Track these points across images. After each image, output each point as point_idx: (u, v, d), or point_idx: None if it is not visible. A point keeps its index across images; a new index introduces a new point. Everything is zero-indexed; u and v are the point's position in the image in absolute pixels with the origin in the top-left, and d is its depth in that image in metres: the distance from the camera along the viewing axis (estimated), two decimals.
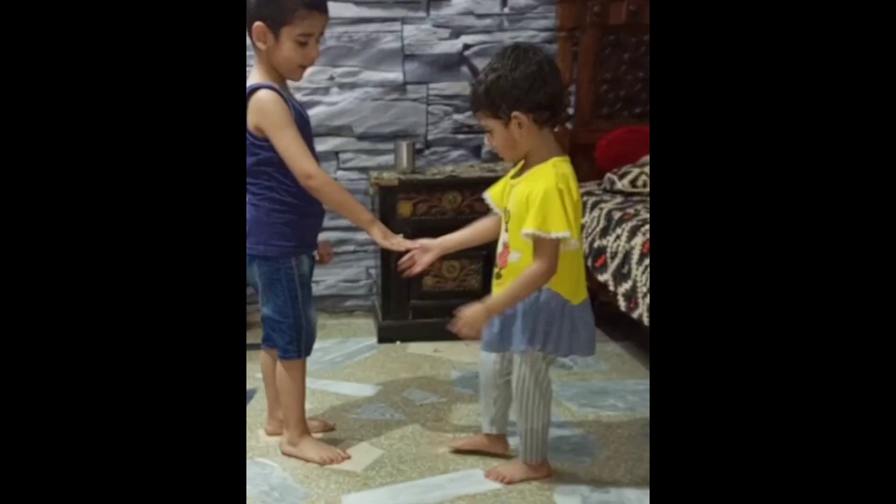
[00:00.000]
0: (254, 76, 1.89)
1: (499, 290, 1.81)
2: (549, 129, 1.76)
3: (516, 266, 1.76)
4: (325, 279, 3.30)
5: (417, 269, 1.96)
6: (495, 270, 1.84)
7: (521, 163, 1.81)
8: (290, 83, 1.96)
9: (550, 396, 1.88)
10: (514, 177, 1.82)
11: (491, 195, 1.90)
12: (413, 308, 2.98)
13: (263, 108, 1.83)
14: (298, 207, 1.92)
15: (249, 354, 2.78)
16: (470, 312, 1.74)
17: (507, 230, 1.78)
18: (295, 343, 2.00)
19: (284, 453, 2.07)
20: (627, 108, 3.23)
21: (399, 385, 2.57)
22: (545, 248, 1.68)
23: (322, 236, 2.09)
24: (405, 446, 2.12)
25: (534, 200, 1.67)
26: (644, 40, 3.14)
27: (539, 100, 1.69)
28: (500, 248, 1.82)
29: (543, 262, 1.69)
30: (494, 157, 3.11)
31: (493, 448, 2.03)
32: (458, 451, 2.06)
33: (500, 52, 1.75)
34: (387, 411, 2.36)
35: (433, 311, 2.95)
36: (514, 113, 1.68)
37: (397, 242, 1.96)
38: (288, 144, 1.83)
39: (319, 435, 2.17)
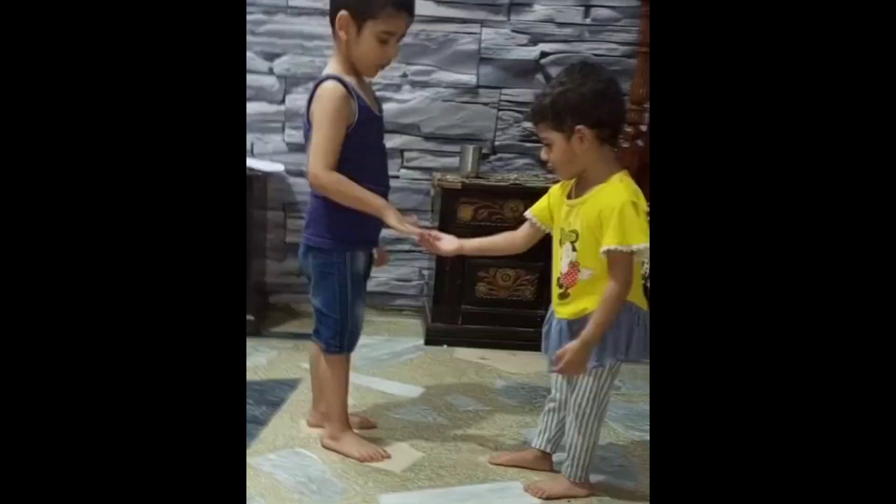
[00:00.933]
0: (329, 66, 1.92)
1: (566, 309, 1.82)
2: (608, 146, 1.76)
3: (588, 283, 1.76)
4: (378, 276, 3.32)
5: (435, 249, 1.99)
6: (560, 290, 1.83)
7: (573, 182, 1.82)
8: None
9: (605, 414, 1.87)
10: (569, 196, 1.82)
11: (536, 214, 1.92)
12: (463, 313, 2.98)
13: (321, 98, 1.85)
14: None
15: (297, 344, 2.83)
16: (571, 353, 1.76)
17: (574, 249, 1.78)
18: (338, 338, 2.01)
19: (325, 446, 2.09)
20: None
21: (443, 389, 2.58)
22: (622, 263, 1.69)
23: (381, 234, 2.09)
24: (446, 451, 2.12)
25: (609, 216, 1.68)
26: None
27: (603, 117, 1.71)
28: (564, 269, 1.81)
29: (621, 278, 1.70)
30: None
31: (537, 465, 2.03)
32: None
33: (567, 66, 1.78)
34: (429, 414, 2.37)
35: (484, 318, 2.97)
36: (578, 127, 1.69)
37: (411, 224, 1.94)
38: (318, 139, 1.84)
39: (360, 431, 2.18)
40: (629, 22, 3.17)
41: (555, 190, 1.89)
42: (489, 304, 2.97)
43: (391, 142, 3.16)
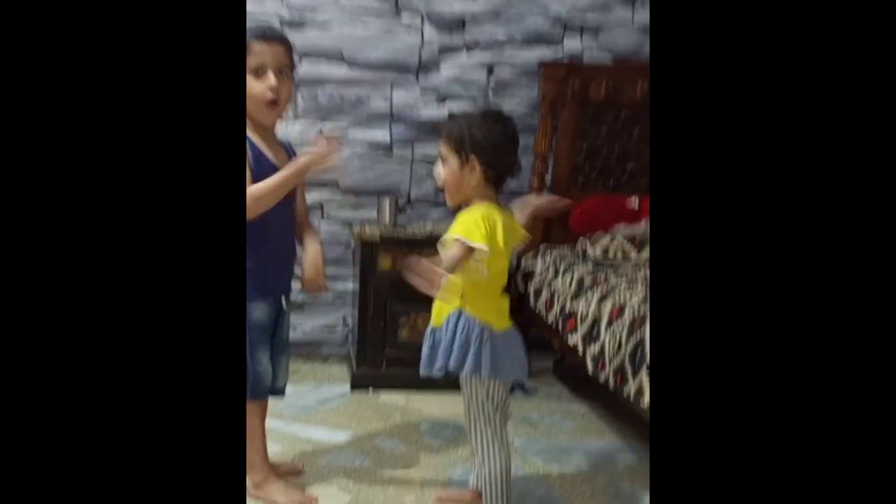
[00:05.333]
0: None
1: (433, 315, 1.83)
2: (493, 187, 1.81)
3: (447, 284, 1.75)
4: (302, 325, 3.25)
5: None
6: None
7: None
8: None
9: (505, 439, 1.83)
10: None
11: None
12: (387, 357, 2.93)
13: None
14: (252, 254, 1.79)
15: None
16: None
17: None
18: None
19: (250, 496, 1.99)
20: (602, 178, 3.25)
21: (370, 433, 2.51)
22: (454, 248, 1.70)
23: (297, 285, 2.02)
24: (373, 493, 2.05)
25: (461, 219, 1.76)
26: (621, 116, 3.20)
27: (496, 161, 1.77)
28: None
29: (452, 256, 1.70)
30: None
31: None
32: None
33: (485, 108, 1.92)
34: (356, 458, 2.30)
35: (407, 362, 2.90)
36: (472, 157, 1.76)
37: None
38: None
39: (287, 478, 2.09)
40: (530, 80, 3.23)
41: None
42: (412, 348, 2.91)
43: (311, 196, 3.12)
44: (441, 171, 1.82)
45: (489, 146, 1.76)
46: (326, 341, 3.32)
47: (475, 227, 1.71)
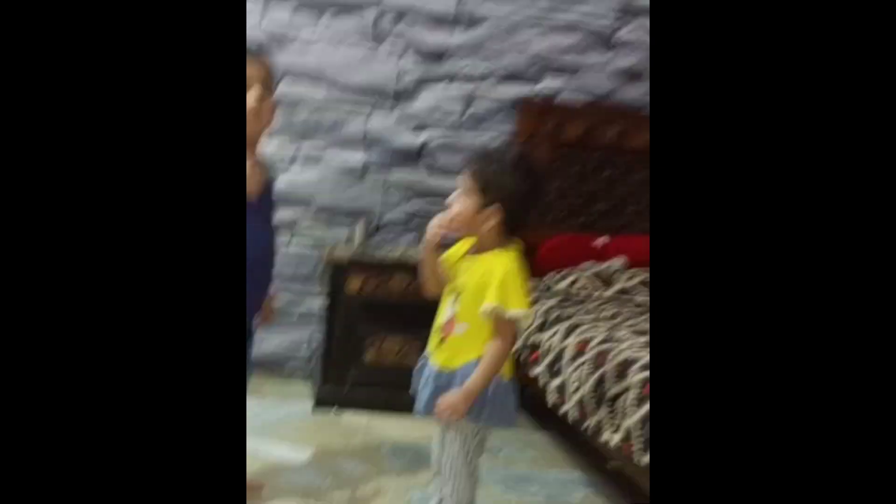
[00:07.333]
0: None
1: (439, 356, 1.76)
2: (504, 234, 1.74)
3: (461, 339, 1.72)
4: (269, 340, 3.20)
5: None
6: (438, 337, 1.78)
7: (473, 241, 1.78)
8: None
9: (476, 479, 1.82)
10: (465, 253, 1.79)
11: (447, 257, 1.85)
12: (351, 378, 2.91)
13: None
14: None
15: None
16: (451, 399, 1.68)
17: (455, 302, 1.75)
18: None
19: None
20: (571, 217, 3.28)
21: (331, 452, 2.49)
22: (504, 325, 1.67)
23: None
24: None
25: (494, 277, 1.66)
26: (594, 157, 3.25)
27: (517, 215, 1.71)
28: (445, 319, 1.77)
29: (504, 339, 1.67)
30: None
31: None
32: None
33: (524, 154, 1.81)
34: (316, 477, 2.27)
35: (371, 383, 2.90)
36: (496, 206, 1.68)
37: None
38: None
39: (250, 492, 2.06)
40: (506, 114, 3.27)
41: (461, 245, 1.83)
42: (377, 370, 2.91)
43: (283, 214, 3.09)
44: (457, 205, 1.73)
45: (515, 199, 1.68)
46: (291, 358, 3.29)
47: (513, 291, 1.65)
